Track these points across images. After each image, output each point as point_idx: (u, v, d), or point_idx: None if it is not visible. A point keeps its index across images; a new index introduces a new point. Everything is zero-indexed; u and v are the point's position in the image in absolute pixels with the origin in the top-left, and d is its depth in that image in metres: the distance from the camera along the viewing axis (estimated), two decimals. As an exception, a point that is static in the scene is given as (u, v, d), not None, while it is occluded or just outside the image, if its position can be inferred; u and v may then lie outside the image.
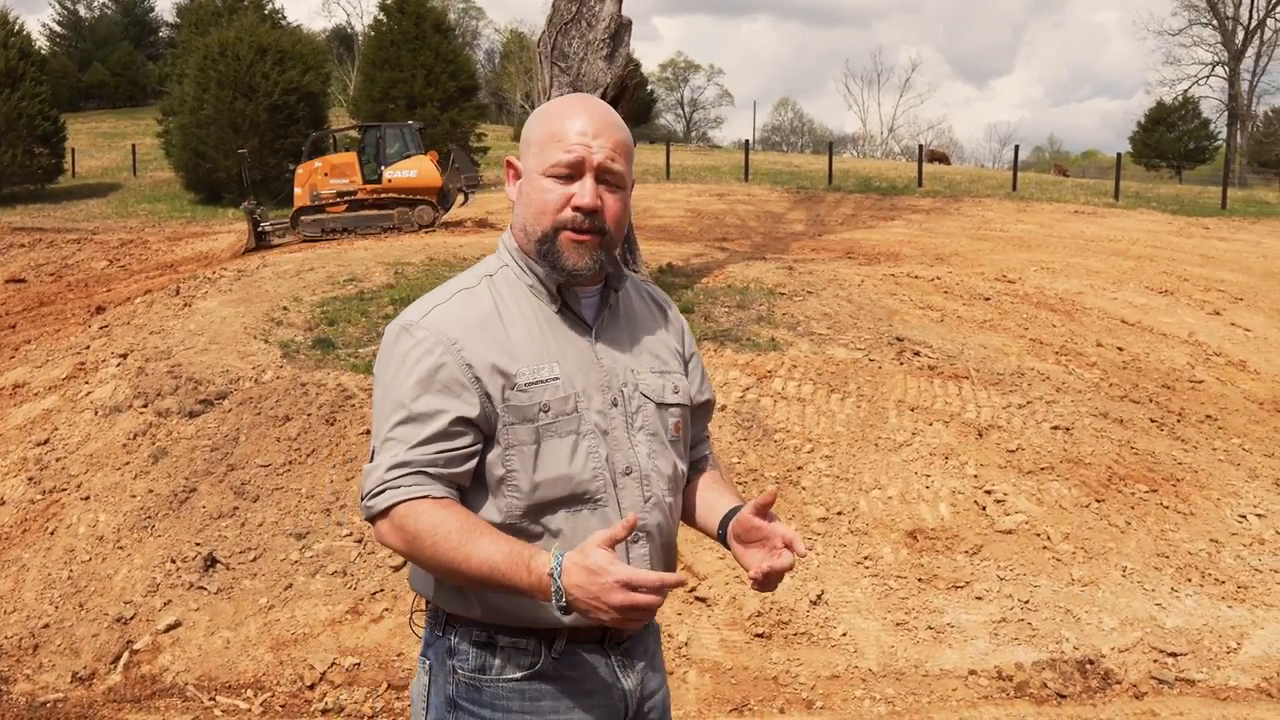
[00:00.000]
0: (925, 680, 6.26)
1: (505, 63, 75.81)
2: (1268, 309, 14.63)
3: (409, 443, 2.18)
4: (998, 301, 13.01)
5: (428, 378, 2.21)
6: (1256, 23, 59.86)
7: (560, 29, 10.81)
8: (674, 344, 2.54)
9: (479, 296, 2.33)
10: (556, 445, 2.25)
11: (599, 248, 2.30)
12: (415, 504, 2.15)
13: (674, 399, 2.44)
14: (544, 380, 2.25)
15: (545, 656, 2.28)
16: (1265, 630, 7.01)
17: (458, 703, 2.31)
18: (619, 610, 1.98)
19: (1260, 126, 62.43)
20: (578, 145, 2.27)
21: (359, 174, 23.00)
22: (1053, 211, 24.92)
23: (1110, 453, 8.78)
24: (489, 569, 2.07)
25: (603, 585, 1.98)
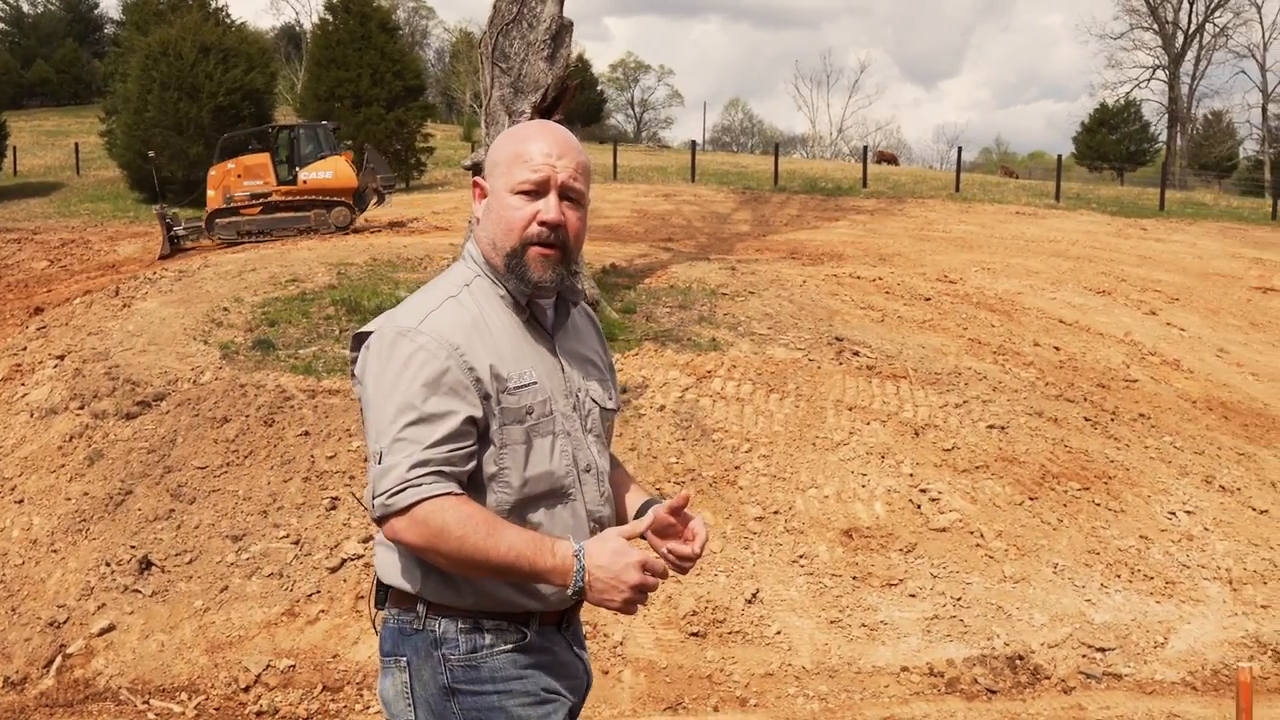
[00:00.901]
0: (858, 677, 6.33)
1: (455, 62, 75.45)
2: (1202, 309, 14.89)
3: (424, 443, 2.28)
4: (938, 302, 13.14)
5: (435, 380, 2.31)
6: (1195, 27, 60.79)
7: (501, 30, 10.79)
8: (605, 357, 2.74)
9: (465, 304, 2.45)
10: (541, 444, 2.43)
11: (561, 261, 2.47)
12: (440, 500, 2.26)
13: (611, 405, 2.66)
14: (527, 384, 2.42)
15: (529, 633, 2.44)
16: (1191, 625, 7.15)
17: (455, 689, 2.40)
18: (632, 589, 2.26)
19: (1199, 129, 63.37)
20: (543, 165, 2.43)
21: (273, 175, 22.56)
22: (995, 212, 25.17)
23: (1044, 451, 8.90)
24: (515, 554, 2.25)
25: (625, 564, 2.25)
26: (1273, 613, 7.38)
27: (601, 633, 6.48)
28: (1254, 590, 7.60)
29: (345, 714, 5.97)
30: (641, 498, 2.68)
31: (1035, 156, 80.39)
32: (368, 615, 6.54)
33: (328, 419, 8.53)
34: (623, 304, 11.76)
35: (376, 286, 12.79)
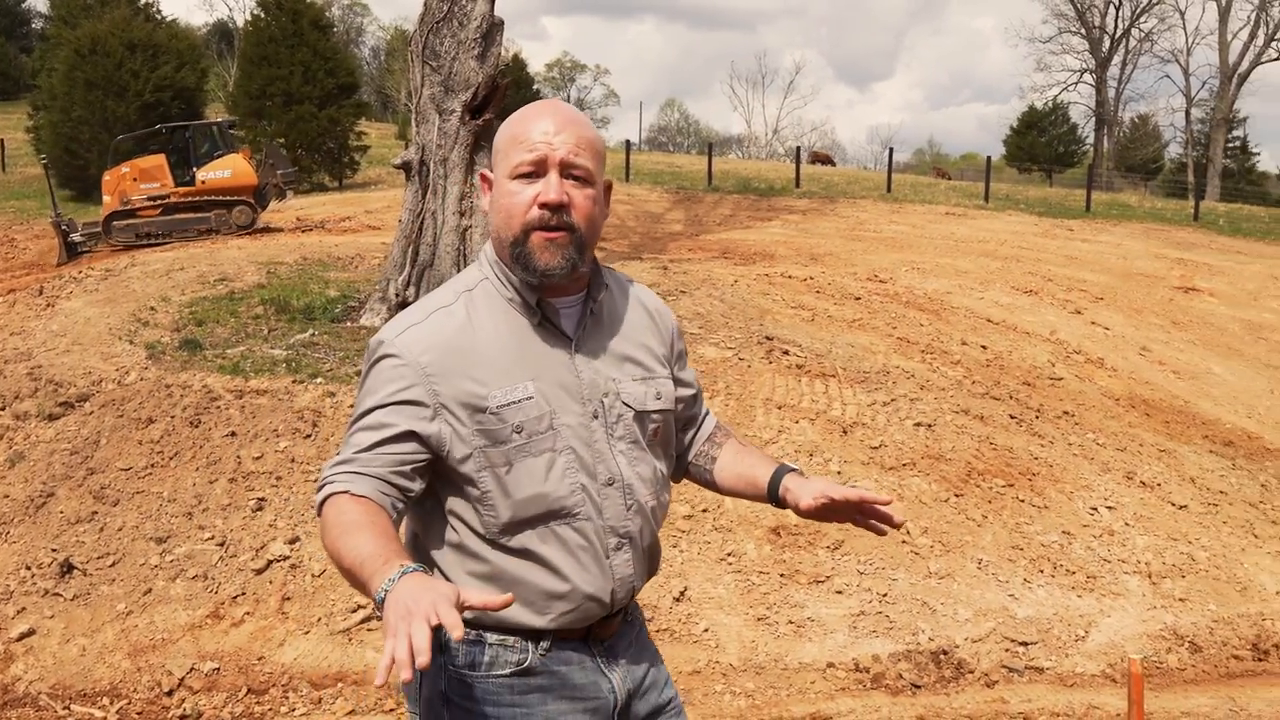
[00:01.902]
0: (785, 674, 6.38)
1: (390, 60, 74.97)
2: (1126, 308, 15.14)
3: (358, 446, 2.24)
4: (868, 301, 13.27)
5: (392, 397, 2.25)
6: (1122, 32, 61.75)
7: (431, 28, 10.76)
8: (660, 348, 2.54)
9: (454, 315, 2.33)
10: (531, 465, 2.28)
11: (570, 245, 2.28)
12: (336, 498, 2.18)
13: (655, 405, 2.46)
14: (517, 401, 2.27)
15: (533, 653, 2.33)
16: (1111, 619, 7.27)
17: (450, 698, 2.35)
18: (408, 610, 1.81)
19: (1125, 132, 64.42)
20: (540, 144, 2.27)
21: (169, 177, 22.04)
22: (925, 213, 25.45)
23: (970, 448, 9.02)
24: (354, 557, 2.03)
25: (430, 596, 1.84)
26: (1190, 606, 7.54)
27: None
28: (1172, 584, 7.75)
29: (270, 717, 5.92)
30: (769, 469, 2.53)
31: (967, 158, 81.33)
32: (291, 617, 6.51)
33: (255, 419, 8.46)
34: (554, 303, 11.73)
35: (306, 286, 12.69)
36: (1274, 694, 6.43)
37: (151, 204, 21.72)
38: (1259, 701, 6.28)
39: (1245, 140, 62.38)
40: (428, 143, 10.74)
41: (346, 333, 10.44)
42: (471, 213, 10.65)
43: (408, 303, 10.51)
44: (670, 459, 2.58)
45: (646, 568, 2.49)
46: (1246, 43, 54.24)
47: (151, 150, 24.07)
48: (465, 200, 10.63)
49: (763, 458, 2.58)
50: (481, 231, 10.67)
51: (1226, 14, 54.35)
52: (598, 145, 2.35)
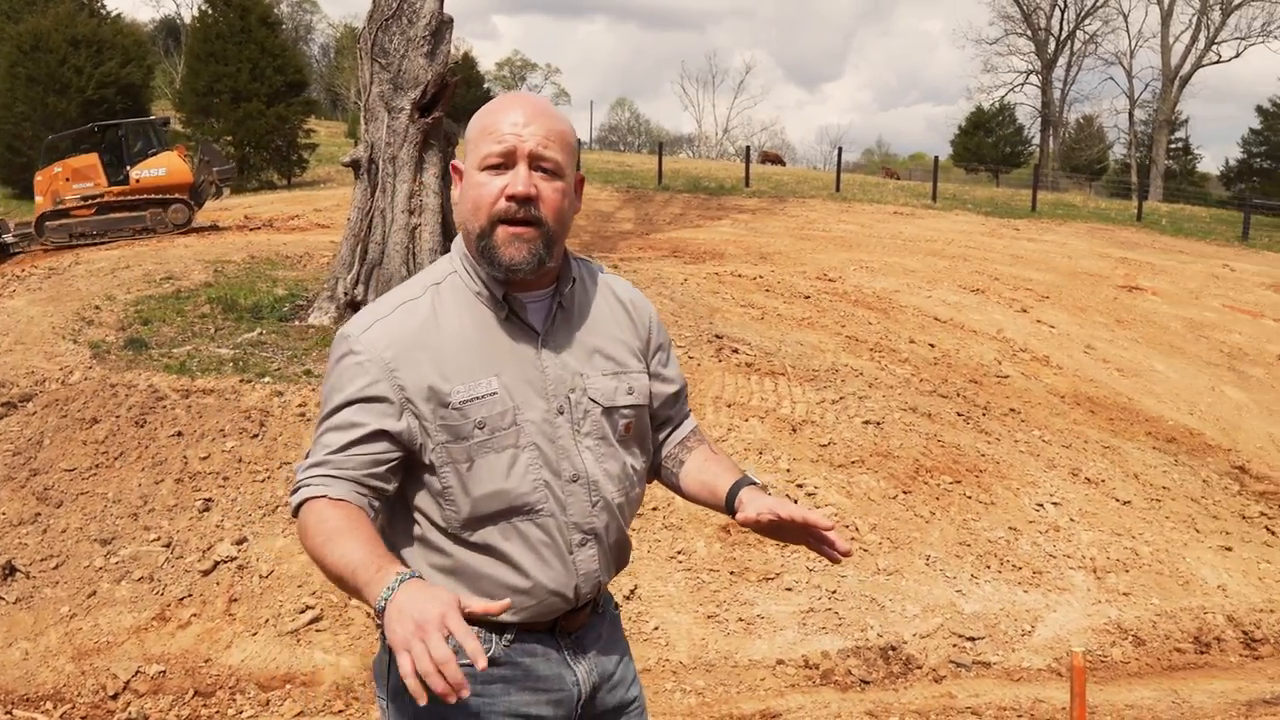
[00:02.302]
0: (734, 671, 6.40)
1: (339, 58, 74.45)
2: (1071, 307, 15.32)
3: (330, 448, 2.21)
4: (817, 300, 13.34)
5: (358, 393, 2.22)
6: (1067, 34, 62.39)
7: (381, 25, 10.71)
8: (635, 342, 2.50)
9: (419, 309, 2.30)
10: (493, 461, 2.26)
11: (538, 240, 2.25)
12: (314, 502, 2.16)
13: (626, 400, 2.42)
14: (480, 396, 2.24)
15: (496, 645, 2.32)
16: (1057, 613, 7.36)
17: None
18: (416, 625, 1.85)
19: (1070, 133, 65.13)
20: (509, 135, 2.23)
21: (103, 176, 21.71)
22: (873, 212, 25.61)
23: (918, 446, 9.09)
24: (344, 564, 2.03)
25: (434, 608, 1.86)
26: (1134, 600, 7.64)
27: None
28: (1117, 578, 7.85)
29: (217, 719, 5.87)
30: (730, 479, 2.48)
31: (916, 158, 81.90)
32: (238, 618, 6.46)
33: (201, 419, 8.37)
34: (504, 302, 11.71)
35: (254, 284, 12.59)
36: (1215, 686, 6.53)
37: (85, 204, 21.34)
38: (1201, 694, 6.38)
39: (1187, 141, 63.21)
40: (377, 140, 10.68)
41: (295, 331, 10.36)
42: (421, 211, 10.60)
43: (356, 301, 10.46)
44: (646, 454, 2.55)
45: (613, 562, 2.47)
46: (1188, 46, 55.02)
47: (84, 149, 23.69)
48: (414, 198, 10.58)
49: (729, 468, 2.55)
50: (430, 229, 10.63)
51: (1168, 17, 55.09)
52: (569, 138, 2.32)
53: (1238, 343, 15.03)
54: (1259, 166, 55.24)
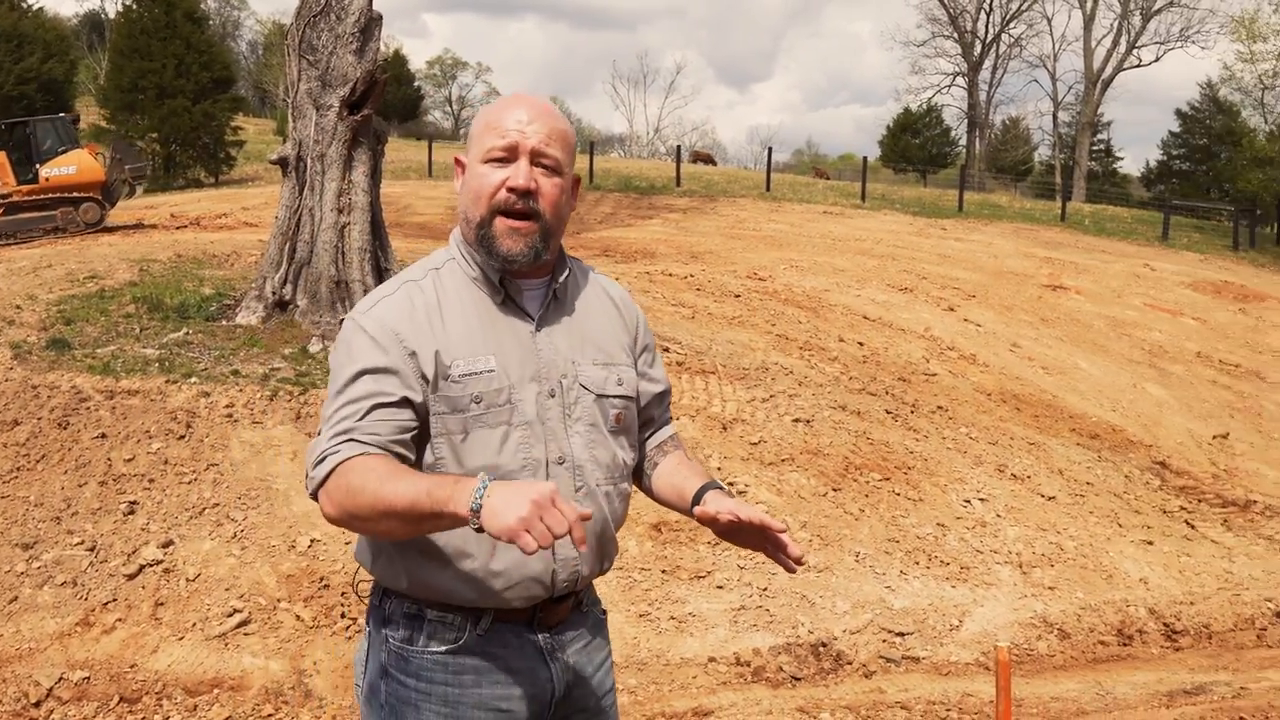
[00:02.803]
0: (667, 669, 6.42)
1: (268, 54, 73.53)
2: (997, 305, 15.53)
3: (353, 416, 2.24)
4: (747, 298, 13.41)
5: (372, 365, 2.27)
6: (992, 37, 63.12)
7: (309, 21, 10.59)
8: (625, 339, 2.56)
9: (423, 290, 2.38)
10: (486, 435, 2.31)
11: (536, 234, 2.34)
12: (350, 462, 2.17)
13: (615, 391, 2.48)
14: (479, 372, 2.31)
15: (470, 633, 2.34)
16: (984, 608, 7.46)
17: (388, 670, 2.39)
18: (532, 504, 1.94)
19: (996, 134, 65.96)
20: (512, 131, 2.32)
21: (11, 175, 21.22)
22: (803, 212, 25.79)
23: (847, 443, 9.17)
24: (414, 492, 2.07)
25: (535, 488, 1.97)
26: (1059, 594, 7.76)
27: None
28: (1042, 573, 7.97)
29: (143, 724, 5.78)
30: (699, 483, 2.49)
31: (845, 158, 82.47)
32: (165, 621, 6.37)
33: (126, 420, 8.24)
34: (435, 301, 11.65)
35: (181, 284, 12.40)
36: (1138, 677, 6.65)
37: None
38: (1124, 685, 6.49)
39: (1109, 143, 64.31)
40: (305, 138, 10.57)
41: (222, 331, 10.23)
42: (350, 209, 10.51)
43: (284, 301, 10.35)
44: (634, 449, 2.59)
45: (595, 555, 2.47)
46: (1110, 50, 55.92)
47: None
48: (343, 197, 10.49)
49: (700, 473, 2.57)
50: (360, 228, 10.54)
51: (1091, 22, 55.94)
52: (569, 138, 2.41)
53: (1158, 341, 15.33)
54: (1178, 168, 56.37)
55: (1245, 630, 7.62)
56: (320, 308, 10.22)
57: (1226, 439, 11.77)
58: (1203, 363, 14.65)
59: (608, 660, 2.61)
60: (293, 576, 6.70)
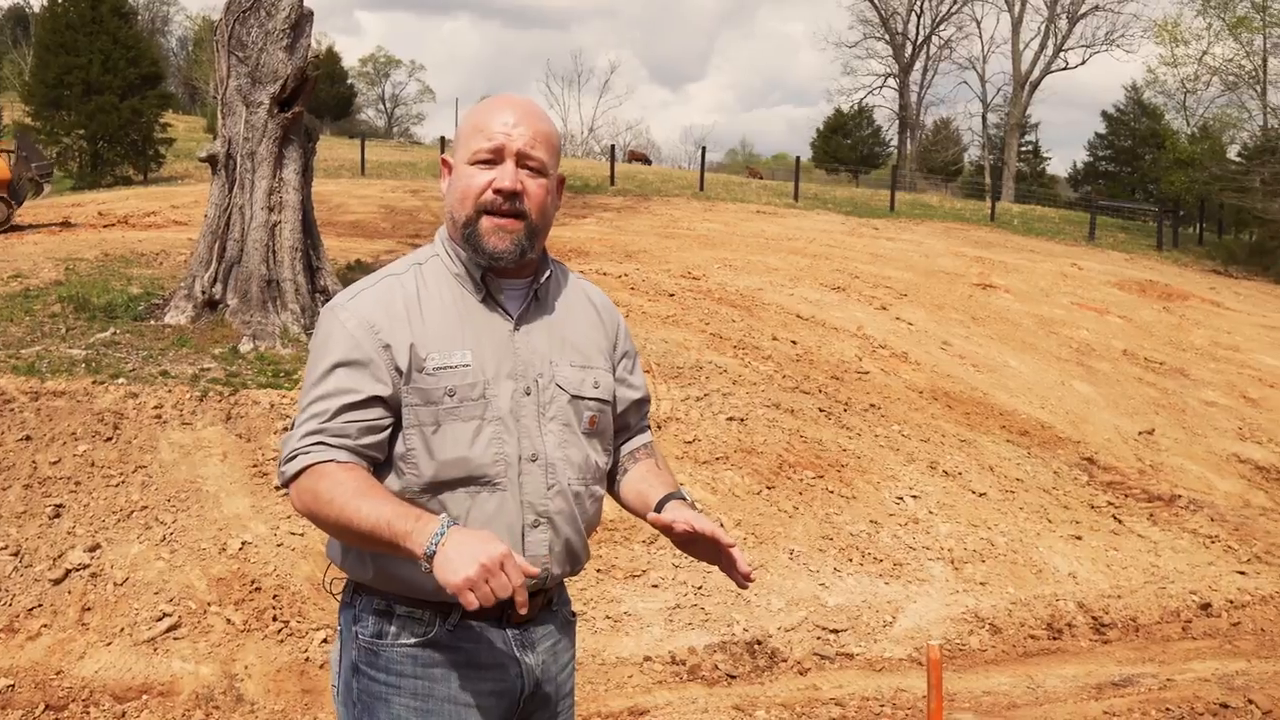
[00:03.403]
0: (602, 669, 6.42)
1: (197, 51, 72.49)
2: (928, 304, 15.69)
3: (323, 416, 2.30)
4: (681, 297, 13.44)
5: (346, 358, 2.32)
6: (923, 39, 63.75)
7: (238, 17, 10.46)
8: (604, 343, 2.60)
9: (404, 283, 2.42)
10: (458, 429, 2.34)
11: (521, 232, 2.39)
12: (321, 467, 2.25)
13: (591, 393, 2.51)
14: (453, 366, 2.35)
15: (440, 627, 2.37)
16: (917, 604, 7.54)
17: (358, 666, 2.41)
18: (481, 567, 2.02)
19: (927, 135, 66.63)
20: (499, 133, 2.38)
21: None
22: (737, 211, 25.88)
23: (781, 441, 9.22)
24: (375, 518, 2.15)
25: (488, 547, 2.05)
26: (990, 589, 7.86)
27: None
28: (974, 568, 8.07)
29: (70, 731, 5.68)
30: (659, 494, 2.54)
31: (778, 158, 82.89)
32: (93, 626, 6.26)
33: (51, 422, 8.09)
34: (368, 301, 11.55)
35: (108, 283, 12.20)
36: (1068, 670, 6.76)
37: None
38: (1054, 678, 6.59)
39: (1037, 145, 65.25)
40: (234, 135, 10.44)
41: (150, 331, 10.07)
42: (281, 208, 10.39)
43: (214, 300, 10.21)
44: (609, 453, 2.62)
45: (565, 556, 2.48)
46: (1037, 52, 56.65)
47: None
48: (274, 195, 10.37)
49: (668, 482, 2.61)
50: (291, 226, 10.43)
51: (1019, 25, 56.64)
52: (554, 140, 2.47)
53: (1085, 339, 15.57)
54: (1104, 169, 57.35)
55: (1171, 623, 7.77)
56: (251, 307, 10.10)
57: (1152, 435, 11.98)
58: (1129, 360, 14.90)
59: (572, 663, 2.64)
60: (223, 579, 6.62)
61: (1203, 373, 15.08)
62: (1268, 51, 39.10)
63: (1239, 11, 39.31)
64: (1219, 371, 15.36)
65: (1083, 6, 54.69)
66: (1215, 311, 20.04)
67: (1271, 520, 10.12)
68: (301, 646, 6.22)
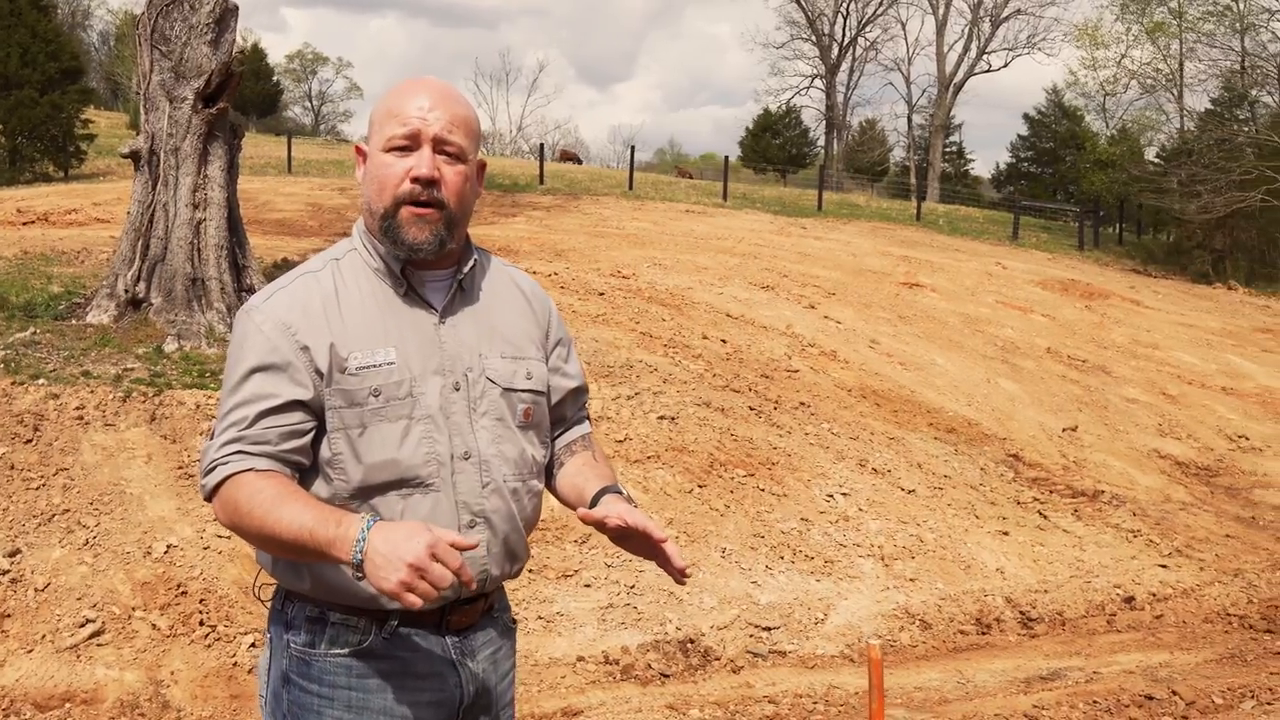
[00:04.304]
0: (535, 670, 6.39)
1: (119, 45, 71.18)
2: (856, 303, 15.81)
3: (241, 424, 2.20)
4: (611, 296, 13.42)
5: (263, 362, 2.23)
6: (849, 41, 64.26)
7: (161, 10, 10.27)
8: (535, 332, 2.51)
9: (321, 281, 2.33)
10: (386, 430, 2.25)
11: (440, 223, 2.29)
12: (239, 477, 2.16)
13: (524, 385, 2.42)
14: (377, 364, 2.26)
15: (375, 635, 2.28)
16: (848, 601, 7.59)
17: (289, 676, 2.31)
18: (409, 567, 1.93)
19: (854, 136, 67.20)
20: (414, 118, 2.27)
21: None
22: (666, 210, 25.93)
23: (712, 440, 9.24)
24: (298, 527, 2.06)
25: (411, 544, 1.95)
26: (920, 585, 7.94)
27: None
28: (903, 565, 8.14)
29: (-11, 741, 5.55)
30: (595, 487, 2.45)
31: (706, 158, 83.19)
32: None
33: (-32, 424, 7.90)
34: (295, 300, 11.41)
35: (27, 281, 11.94)
36: (997, 665, 6.84)
37: None
38: (984, 673, 6.67)
39: (961, 146, 66.04)
40: (158, 131, 10.26)
41: (71, 331, 9.86)
42: (206, 205, 10.23)
43: (138, 299, 10.03)
44: (546, 446, 2.54)
45: (504, 556, 2.41)
46: (961, 54, 57.35)
47: None
48: (199, 192, 10.21)
49: (604, 475, 2.54)
50: (216, 224, 10.27)
51: (943, 28, 57.35)
52: (472, 124, 2.36)
53: (1010, 337, 15.78)
54: (1026, 170, 58.17)
55: (1096, 616, 7.89)
56: (176, 306, 9.94)
57: (1075, 432, 12.17)
58: (1052, 358, 15.13)
59: (512, 671, 2.57)
60: (148, 584, 6.50)
61: (1124, 370, 15.36)
62: (1184, 56, 39.94)
63: (1156, 17, 40.10)
64: (1139, 369, 15.65)
65: (1005, 10, 55.51)
66: (1135, 310, 20.41)
67: (1191, 515, 10.32)
68: (229, 651, 6.13)
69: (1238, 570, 8.78)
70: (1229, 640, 7.41)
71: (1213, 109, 38.68)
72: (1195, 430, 13.21)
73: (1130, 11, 41.23)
